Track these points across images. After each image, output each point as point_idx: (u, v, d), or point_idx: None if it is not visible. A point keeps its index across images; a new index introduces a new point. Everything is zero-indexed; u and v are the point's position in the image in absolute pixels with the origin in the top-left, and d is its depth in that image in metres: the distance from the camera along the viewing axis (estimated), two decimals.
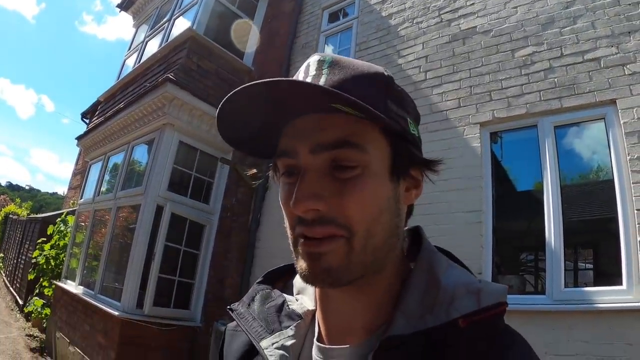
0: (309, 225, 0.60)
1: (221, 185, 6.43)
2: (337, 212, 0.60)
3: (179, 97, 5.74)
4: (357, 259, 0.61)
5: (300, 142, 0.63)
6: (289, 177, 0.65)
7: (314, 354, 0.71)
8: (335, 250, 0.60)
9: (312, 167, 0.62)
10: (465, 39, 4.72)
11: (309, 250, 0.61)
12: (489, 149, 4.23)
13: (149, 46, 7.91)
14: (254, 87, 0.58)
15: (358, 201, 0.60)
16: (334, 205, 0.60)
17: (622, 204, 3.32)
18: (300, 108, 0.62)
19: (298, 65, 6.47)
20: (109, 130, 7.04)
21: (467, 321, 0.58)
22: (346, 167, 0.61)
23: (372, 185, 0.62)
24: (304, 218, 0.61)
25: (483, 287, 0.62)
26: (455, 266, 0.68)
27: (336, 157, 0.61)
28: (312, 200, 0.59)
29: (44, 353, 7.32)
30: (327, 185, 0.61)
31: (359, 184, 0.61)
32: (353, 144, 0.61)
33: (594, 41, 3.80)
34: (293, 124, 0.65)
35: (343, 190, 0.60)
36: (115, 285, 5.96)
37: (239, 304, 0.83)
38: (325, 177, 0.61)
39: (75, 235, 7.89)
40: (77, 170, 13.60)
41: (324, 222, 0.60)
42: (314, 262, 0.61)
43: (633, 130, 3.38)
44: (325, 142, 0.61)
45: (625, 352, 2.95)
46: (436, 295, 0.62)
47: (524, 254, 4.61)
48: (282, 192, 0.66)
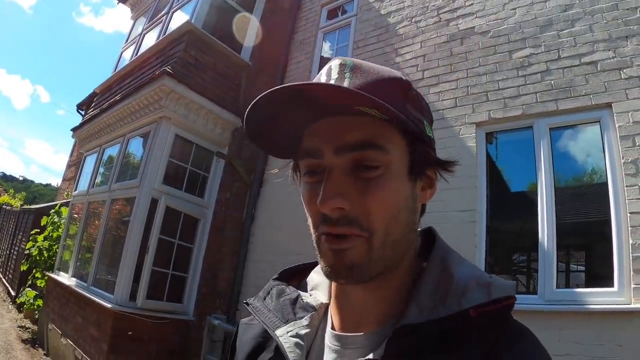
0: (334, 224, 0.63)
1: (216, 180, 6.41)
2: (360, 211, 0.63)
3: (176, 91, 5.71)
4: (377, 255, 0.64)
5: (325, 143, 0.65)
6: (311, 177, 0.68)
7: (327, 342, 0.73)
8: (356, 246, 0.63)
9: (337, 167, 0.64)
10: (463, 39, 4.73)
11: (332, 247, 0.64)
12: (484, 149, 4.25)
13: (146, 39, 7.87)
14: (282, 90, 0.60)
15: (380, 200, 0.63)
16: (357, 204, 0.63)
17: (615, 207, 3.34)
18: (325, 110, 0.64)
19: (296, 62, 6.59)
20: (105, 122, 7.02)
21: (478, 312, 0.60)
22: (369, 167, 0.64)
23: (393, 185, 0.65)
24: (329, 216, 0.63)
25: (493, 281, 0.65)
26: (466, 262, 0.71)
27: (360, 158, 0.64)
28: (338, 198, 0.62)
29: (35, 344, 7.28)
30: (351, 185, 0.63)
31: (381, 183, 0.64)
32: (376, 145, 0.64)
33: (592, 44, 3.82)
34: (316, 126, 0.67)
35: (366, 190, 0.63)
36: (108, 277, 5.94)
37: (254, 298, 0.85)
38: (348, 177, 0.64)
39: (69, 227, 7.86)
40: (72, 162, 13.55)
41: (348, 221, 0.63)
42: (338, 259, 0.64)
43: (628, 134, 3.40)
44: (350, 143, 0.63)
45: (616, 353, 2.98)
46: (449, 288, 0.65)
47: (516, 254, 4.63)
48: (305, 192, 0.69)
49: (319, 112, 0.65)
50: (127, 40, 8.79)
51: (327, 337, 0.74)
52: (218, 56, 6.56)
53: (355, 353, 0.68)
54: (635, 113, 3.41)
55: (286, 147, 0.75)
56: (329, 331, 0.74)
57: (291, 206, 5.38)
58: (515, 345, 0.61)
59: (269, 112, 0.66)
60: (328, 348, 0.72)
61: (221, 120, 6.32)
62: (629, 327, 3.00)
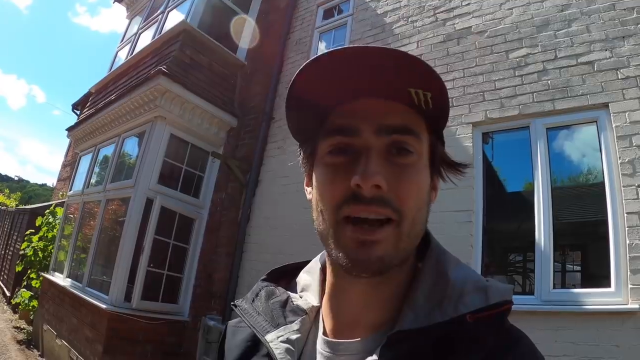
0: (367, 204, 0.61)
1: (211, 180, 6.42)
2: (394, 195, 0.62)
3: (171, 90, 5.70)
4: (403, 245, 0.63)
5: (364, 122, 0.64)
6: (337, 156, 0.66)
7: (319, 348, 0.71)
8: (388, 237, 0.61)
9: (376, 147, 0.63)
10: (460, 38, 4.71)
11: (363, 238, 0.61)
12: (480, 149, 4.24)
13: (142, 38, 7.85)
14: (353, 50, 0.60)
15: (412, 187, 0.64)
16: (392, 187, 0.61)
17: (612, 207, 3.33)
18: (370, 89, 0.64)
19: (291, 61, 6.57)
20: (100, 122, 6.99)
21: (475, 317, 0.59)
22: (406, 151, 0.64)
23: (423, 174, 0.66)
24: (363, 195, 0.60)
25: (490, 285, 0.64)
26: (462, 264, 0.70)
27: (398, 141, 0.64)
28: (380, 176, 0.60)
29: (31, 346, 7.26)
30: (387, 167, 0.62)
31: (415, 170, 0.65)
32: (414, 132, 0.65)
33: (589, 45, 3.81)
34: (353, 105, 0.66)
35: (401, 174, 0.63)
36: (103, 278, 5.93)
37: (242, 300, 0.83)
38: (384, 159, 0.63)
39: (64, 227, 7.84)
40: (67, 162, 13.51)
41: (383, 202, 0.61)
42: (366, 250, 0.61)
43: (625, 134, 3.39)
44: (392, 125, 0.64)
45: (612, 354, 2.97)
46: (444, 291, 0.63)
47: (513, 254, 4.62)
48: (327, 171, 0.67)
49: (362, 90, 0.64)
50: (123, 40, 8.77)
51: (319, 342, 0.72)
52: (213, 56, 6.55)
53: (348, 359, 0.67)
54: (632, 113, 3.40)
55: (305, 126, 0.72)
56: (321, 337, 0.72)
57: (287, 206, 5.37)
58: (512, 352, 0.60)
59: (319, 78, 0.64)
60: (320, 354, 0.70)
61: (216, 120, 6.31)
62: (625, 327, 2.99)
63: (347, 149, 0.65)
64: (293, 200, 5.29)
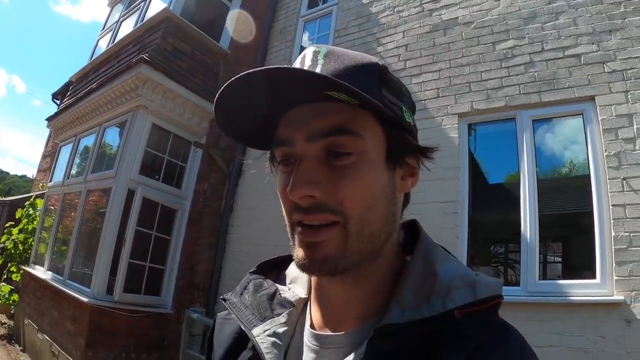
0: (305, 213, 0.61)
1: (194, 170, 6.34)
2: (332, 199, 0.60)
3: (153, 79, 5.60)
4: (353, 247, 0.61)
5: (296, 130, 0.63)
6: (285, 166, 0.66)
7: (306, 341, 0.71)
8: (331, 238, 0.60)
9: (309, 154, 0.62)
10: (447, 29, 4.70)
11: (306, 240, 0.62)
12: (466, 140, 4.24)
13: (123, 26, 7.68)
14: (252, 75, 0.58)
15: (353, 188, 0.61)
16: (329, 192, 0.60)
17: (597, 200, 3.36)
18: (296, 97, 0.62)
19: (275, 50, 6.51)
20: (80, 112, 6.86)
21: (463, 312, 0.58)
22: (342, 153, 0.61)
23: (368, 173, 0.62)
24: (300, 205, 0.61)
25: (479, 280, 0.63)
26: (451, 258, 0.69)
27: (332, 144, 0.61)
28: (308, 186, 0.60)
29: (12, 340, 7.16)
30: (323, 173, 0.61)
31: (354, 171, 0.61)
32: (348, 131, 0.61)
33: (575, 38, 3.82)
34: (289, 114, 0.65)
35: (338, 177, 0.61)
36: (84, 270, 5.84)
37: (231, 293, 0.82)
38: (321, 164, 0.62)
39: (44, 219, 7.71)
40: (47, 153, 13.26)
41: (320, 209, 0.60)
42: (311, 251, 0.61)
43: (610, 127, 3.42)
44: (321, 129, 0.61)
45: (598, 345, 3.01)
46: (432, 286, 0.62)
47: (498, 245, 4.65)
48: (278, 181, 0.67)
49: (290, 99, 0.63)
50: (104, 28, 8.59)
51: (306, 335, 0.71)
52: (196, 44, 6.45)
53: (334, 353, 0.66)
54: (618, 106, 3.44)
55: (262, 137, 0.71)
56: (308, 330, 0.72)
57: (270, 197, 5.30)
58: (501, 348, 0.59)
59: (239, 100, 0.64)
60: (307, 347, 0.70)
61: (199, 110, 6.22)
62: (611, 318, 3.03)
63: (289, 159, 0.65)
64: (275, 190, 5.23)
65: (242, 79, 0.59)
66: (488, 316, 0.61)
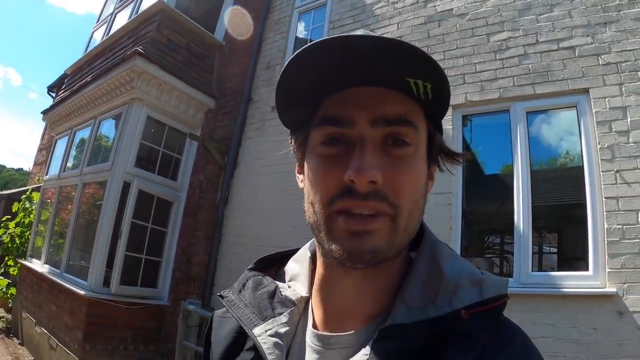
0: (362, 199, 0.58)
1: (189, 162, 6.37)
2: (390, 189, 0.59)
3: (148, 71, 5.59)
4: (398, 239, 0.61)
5: (359, 111, 0.60)
6: (330, 147, 0.63)
7: (308, 341, 0.69)
8: (382, 228, 0.59)
9: (371, 138, 0.60)
10: (441, 21, 4.67)
11: (355, 228, 0.59)
12: (460, 132, 4.24)
13: (118, 18, 7.65)
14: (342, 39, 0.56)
15: (408, 180, 0.61)
16: (388, 181, 0.59)
17: (591, 192, 3.36)
18: (363, 75, 0.60)
19: (270, 41, 6.47)
20: (76, 104, 6.84)
21: (470, 312, 0.58)
22: (402, 142, 0.61)
23: (420, 167, 0.63)
24: (357, 190, 0.58)
25: (485, 279, 0.62)
26: (457, 257, 0.68)
27: (395, 133, 0.61)
28: (376, 170, 0.57)
29: (10, 334, 7.19)
30: (383, 159, 0.60)
31: (410, 162, 0.62)
32: (411, 123, 0.61)
33: (570, 30, 3.80)
34: (347, 92, 0.62)
35: (398, 167, 0.60)
36: (81, 263, 5.86)
37: (229, 290, 0.80)
38: (380, 151, 0.60)
39: (41, 212, 7.71)
40: (43, 146, 13.20)
41: (379, 197, 0.58)
42: (359, 241, 0.59)
43: (604, 120, 3.41)
44: (388, 115, 0.60)
45: (590, 337, 3.02)
46: (439, 286, 0.62)
47: (492, 237, 4.67)
48: (319, 163, 0.64)
49: (358, 77, 0.60)
50: (99, 20, 8.55)
51: (309, 335, 0.69)
52: (191, 36, 6.44)
53: (338, 354, 0.65)
54: (612, 99, 3.43)
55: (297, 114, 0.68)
56: (310, 330, 0.70)
57: (265, 189, 5.34)
58: (507, 348, 0.58)
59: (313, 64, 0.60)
60: (309, 348, 0.68)
61: (194, 102, 6.22)
62: (603, 310, 3.04)
63: (340, 139, 0.62)
64: (271, 182, 5.26)
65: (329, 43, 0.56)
66: (494, 316, 0.60)
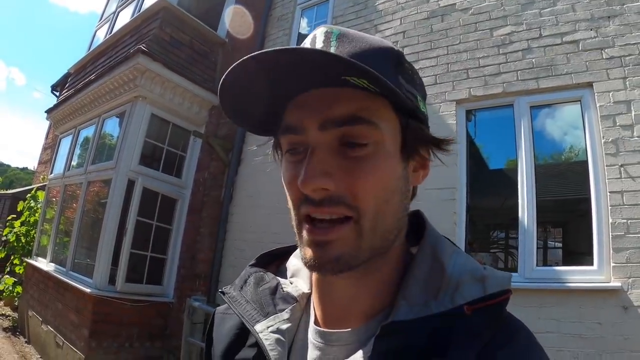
0: (317, 205, 0.57)
1: (193, 159, 6.38)
2: (347, 192, 0.57)
3: (151, 69, 5.59)
4: (366, 244, 0.59)
5: (307, 117, 0.59)
6: (293, 155, 0.62)
7: (310, 338, 0.68)
8: (344, 237, 0.58)
9: (321, 143, 0.59)
10: (444, 15, 4.66)
11: (315, 239, 0.58)
12: (464, 127, 4.22)
13: (120, 17, 7.63)
14: (262, 56, 0.53)
15: (369, 181, 0.58)
16: (343, 184, 0.57)
17: (595, 186, 3.35)
18: (308, 81, 0.58)
19: (273, 38, 6.47)
20: (80, 103, 6.85)
21: (473, 308, 0.57)
22: (357, 144, 0.58)
23: (384, 164, 0.60)
24: (312, 198, 0.58)
25: (488, 274, 0.61)
26: (460, 252, 0.66)
27: (347, 134, 0.58)
28: (322, 178, 0.56)
29: (17, 332, 7.20)
30: (337, 164, 0.58)
31: (370, 162, 0.58)
32: (365, 120, 0.58)
33: (574, 24, 3.79)
34: (298, 99, 0.61)
35: (353, 169, 0.58)
36: (87, 261, 5.87)
37: (230, 286, 0.79)
38: (334, 154, 0.58)
39: (46, 211, 7.73)
40: (47, 145, 13.24)
41: (333, 202, 0.57)
42: (321, 251, 0.58)
43: (609, 114, 3.40)
44: (336, 117, 0.58)
45: (595, 331, 3.02)
46: (441, 282, 0.61)
47: (496, 231, 4.66)
48: (285, 171, 0.63)
49: (302, 83, 0.59)
50: (101, 19, 8.54)
51: (310, 332, 0.69)
52: (194, 33, 6.44)
53: (340, 350, 0.64)
54: (616, 93, 3.41)
55: (266, 122, 0.68)
56: (312, 326, 0.69)
57: (270, 184, 5.33)
58: (510, 344, 0.57)
59: (246, 83, 0.59)
60: (311, 344, 0.67)
61: (198, 99, 6.23)
62: (608, 305, 3.03)
63: (299, 147, 0.61)
64: (275, 178, 5.21)
65: (249, 61, 0.55)
66: (497, 311, 0.59)
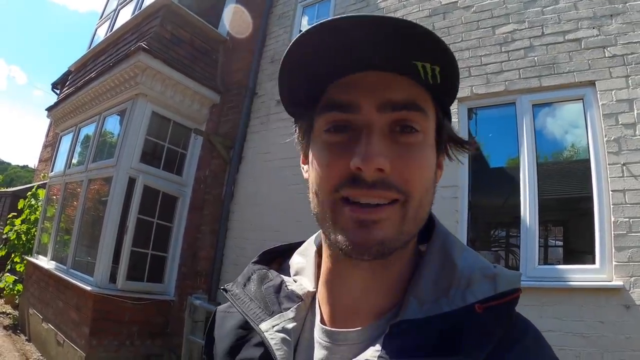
0: (368, 188, 0.56)
1: (194, 157, 6.38)
2: (399, 177, 0.57)
3: (152, 67, 5.58)
4: (407, 228, 0.59)
5: (365, 97, 0.58)
6: (335, 134, 0.60)
7: (316, 337, 0.67)
8: (390, 217, 0.57)
9: (377, 125, 0.58)
10: (446, 13, 4.64)
11: (362, 218, 0.56)
12: (466, 125, 4.22)
13: (121, 14, 7.62)
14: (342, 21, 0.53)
15: (420, 169, 0.59)
16: (396, 169, 0.56)
17: (597, 185, 3.35)
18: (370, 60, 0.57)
19: (274, 35, 6.45)
20: (80, 101, 6.85)
21: (484, 306, 0.56)
22: (411, 129, 0.59)
23: (430, 155, 0.61)
24: (364, 178, 0.56)
25: (499, 273, 0.60)
26: (469, 250, 0.66)
27: (403, 118, 0.58)
28: (383, 158, 0.55)
29: (17, 330, 7.19)
30: (391, 147, 0.57)
31: (421, 150, 0.59)
32: (420, 108, 0.59)
33: (576, 22, 3.77)
34: (353, 78, 0.60)
35: (407, 155, 0.58)
36: (87, 259, 5.88)
37: (233, 284, 0.78)
38: (386, 138, 0.58)
39: (47, 209, 7.72)
40: (48, 143, 13.23)
41: (386, 185, 0.56)
42: (366, 231, 0.56)
43: (611, 112, 3.39)
44: (397, 100, 0.58)
45: (596, 330, 3.02)
46: (452, 279, 0.60)
47: (498, 230, 4.65)
48: (321, 151, 0.62)
49: (362, 62, 0.58)
50: (102, 17, 8.52)
51: (317, 331, 0.68)
52: (195, 31, 6.43)
53: (348, 350, 0.62)
54: (619, 91, 3.40)
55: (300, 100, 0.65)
56: (318, 325, 0.68)
57: (271, 182, 5.33)
58: (518, 345, 0.56)
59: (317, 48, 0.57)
60: (318, 344, 0.66)
61: (198, 96, 6.22)
62: (610, 304, 3.03)
63: (345, 126, 0.59)
64: (276, 176, 5.26)
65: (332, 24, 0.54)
66: (508, 310, 0.58)
